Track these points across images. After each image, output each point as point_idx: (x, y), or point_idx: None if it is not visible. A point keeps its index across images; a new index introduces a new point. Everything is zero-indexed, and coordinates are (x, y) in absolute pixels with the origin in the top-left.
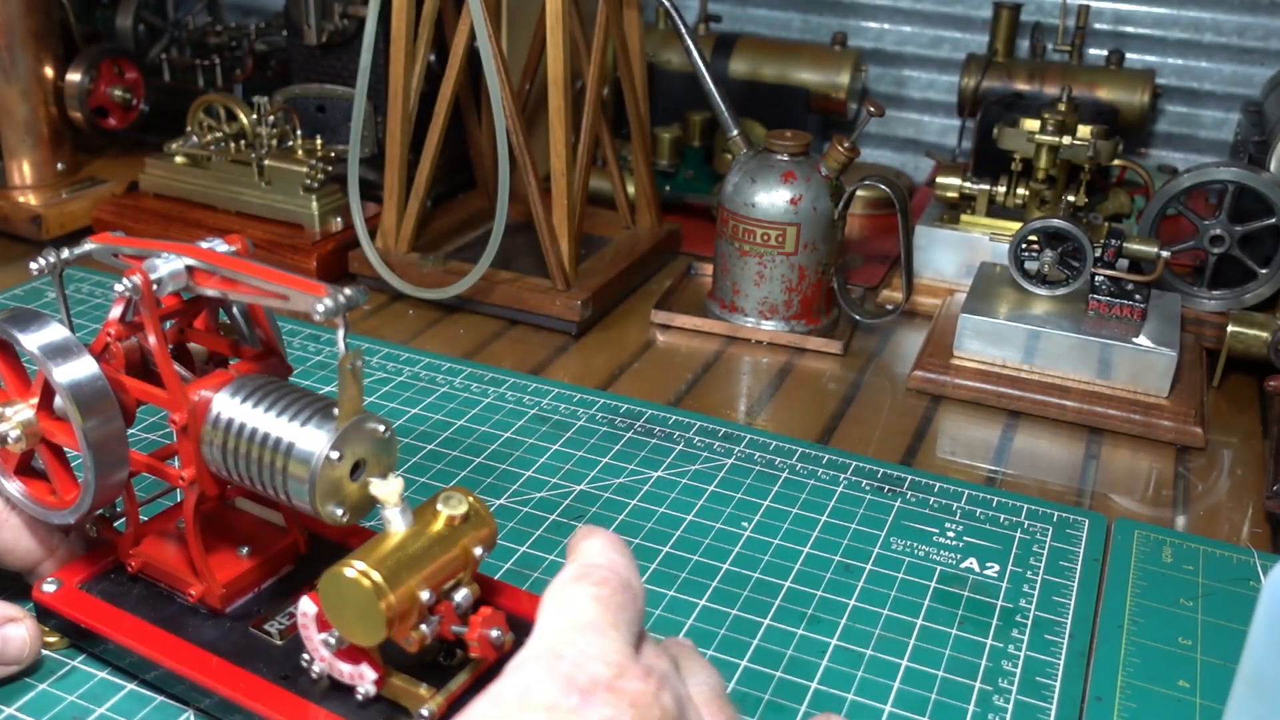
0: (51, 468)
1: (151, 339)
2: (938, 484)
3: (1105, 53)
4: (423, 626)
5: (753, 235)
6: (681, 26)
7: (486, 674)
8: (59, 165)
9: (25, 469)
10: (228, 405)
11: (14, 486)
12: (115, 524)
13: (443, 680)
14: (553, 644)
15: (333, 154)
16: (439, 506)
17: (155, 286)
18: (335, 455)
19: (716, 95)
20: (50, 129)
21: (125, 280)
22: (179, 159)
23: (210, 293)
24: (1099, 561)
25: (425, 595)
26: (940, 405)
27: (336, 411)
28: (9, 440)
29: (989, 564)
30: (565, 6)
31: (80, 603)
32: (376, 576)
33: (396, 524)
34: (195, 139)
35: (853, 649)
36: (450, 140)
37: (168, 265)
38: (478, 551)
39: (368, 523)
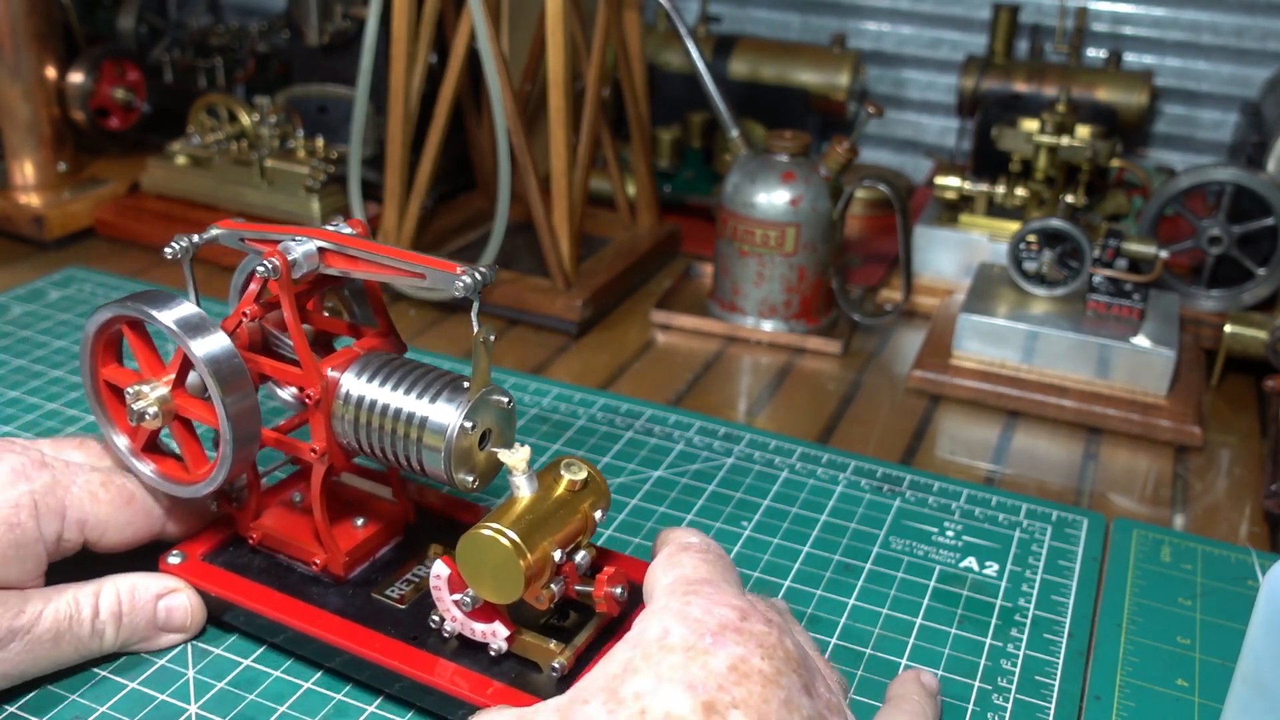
0: (184, 443)
1: (288, 318)
2: (937, 483)
3: (1104, 54)
4: (552, 585)
5: (752, 236)
6: (682, 27)
7: (607, 629)
8: (61, 166)
9: (151, 448)
10: (357, 381)
11: (147, 467)
12: (232, 499)
13: (567, 638)
14: (678, 596)
15: (334, 154)
16: (561, 472)
17: (291, 268)
18: (469, 425)
19: (717, 96)
20: (52, 130)
21: (265, 262)
22: (180, 160)
23: (334, 273)
24: (1098, 561)
25: (557, 555)
26: (939, 405)
27: (465, 384)
28: (147, 417)
29: (988, 563)
30: (565, 7)
31: (207, 573)
32: (514, 536)
33: (524, 489)
34: (197, 140)
35: (853, 648)
36: (451, 141)
37: (301, 247)
38: (597, 515)
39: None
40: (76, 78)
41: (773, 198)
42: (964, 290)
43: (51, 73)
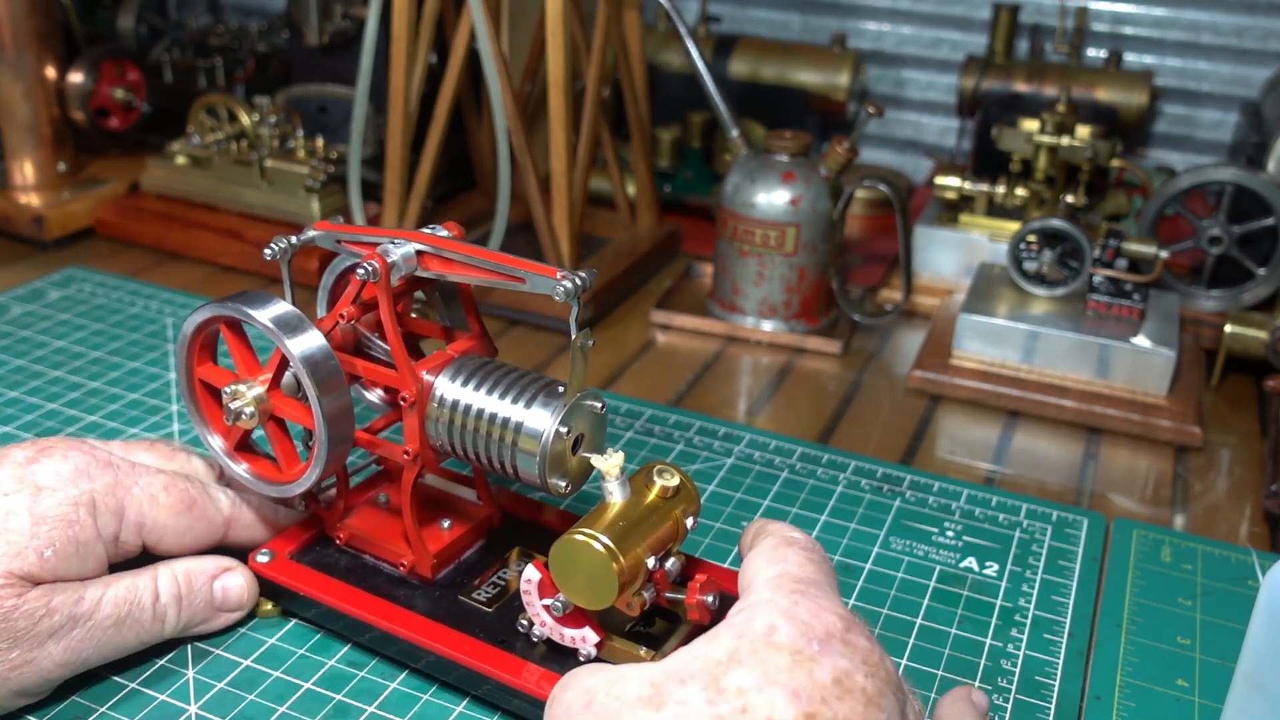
0: (278, 443)
1: (386, 321)
2: (937, 484)
3: (1104, 54)
4: (643, 592)
5: (752, 236)
6: (682, 27)
7: (694, 637)
8: (61, 166)
9: (243, 448)
10: (451, 385)
11: (241, 468)
12: (319, 499)
13: (655, 645)
14: (784, 593)
15: (334, 154)
16: (654, 478)
17: (390, 270)
18: (564, 429)
19: (717, 96)
20: (52, 129)
21: (365, 264)
22: (180, 159)
23: (430, 276)
24: (1098, 561)
25: (650, 562)
26: (939, 405)
27: (560, 389)
28: (243, 416)
29: (988, 563)
30: (565, 7)
31: (295, 572)
32: (608, 542)
33: (617, 495)
34: (197, 140)
35: None
36: (451, 141)
37: (400, 250)
38: (689, 523)
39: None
40: (76, 78)
41: (773, 198)
42: (964, 290)
43: (51, 73)
